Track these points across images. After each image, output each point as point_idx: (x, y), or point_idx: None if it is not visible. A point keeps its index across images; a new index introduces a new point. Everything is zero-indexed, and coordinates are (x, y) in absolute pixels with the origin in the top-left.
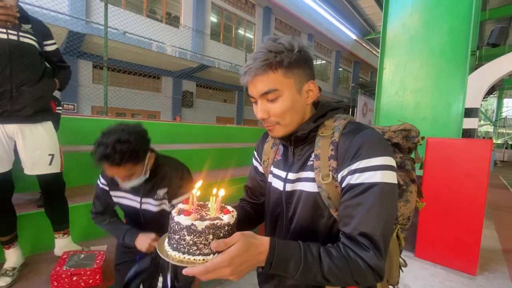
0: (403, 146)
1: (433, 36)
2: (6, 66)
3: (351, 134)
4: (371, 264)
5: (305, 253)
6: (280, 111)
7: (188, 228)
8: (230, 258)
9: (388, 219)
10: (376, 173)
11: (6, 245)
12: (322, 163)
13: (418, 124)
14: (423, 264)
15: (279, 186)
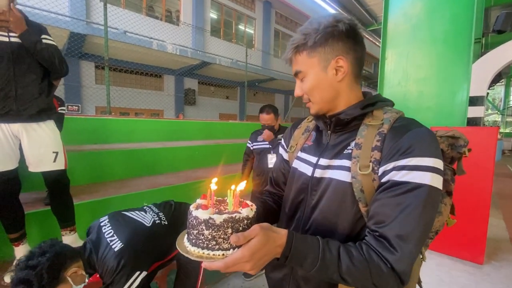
0: (447, 155)
1: (435, 24)
2: (9, 68)
3: (404, 129)
4: (397, 268)
5: (323, 250)
6: (308, 89)
7: (206, 222)
8: (251, 253)
9: (427, 225)
10: (426, 174)
11: (16, 242)
12: (363, 152)
13: (422, 113)
14: (429, 254)
15: (307, 171)
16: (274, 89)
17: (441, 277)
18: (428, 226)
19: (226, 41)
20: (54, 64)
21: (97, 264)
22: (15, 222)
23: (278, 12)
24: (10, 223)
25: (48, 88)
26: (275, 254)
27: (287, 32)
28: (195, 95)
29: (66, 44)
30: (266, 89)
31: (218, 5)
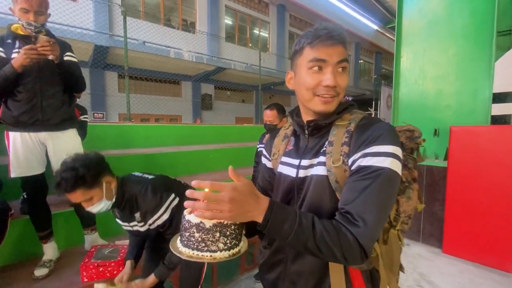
0: (407, 146)
1: (453, 19)
2: (36, 82)
3: (368, 125)
4: (359, 240)
5: (300, 216)
6: (345, 84)
7: (197, 226)
8: (233, 186)
9: (386, 204)
10: (386, 159)
11: (43, 240)
12: (334, 148)
13: (441, 112)
14: (451, 260)
15: (291, 173)
16: (290, 92)
17: (463, 285)
18: (387, 204)
19: (240, 46)
20: (74, 80)
21: (127, 193)
22: (43, 222)
23: (292, 15)
24: (39, 222)
25: (69, 99)
26: (255, 212)
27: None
28: (211, 100)
29: (92, 56)
30: (282, 92)
31: (233, 12)
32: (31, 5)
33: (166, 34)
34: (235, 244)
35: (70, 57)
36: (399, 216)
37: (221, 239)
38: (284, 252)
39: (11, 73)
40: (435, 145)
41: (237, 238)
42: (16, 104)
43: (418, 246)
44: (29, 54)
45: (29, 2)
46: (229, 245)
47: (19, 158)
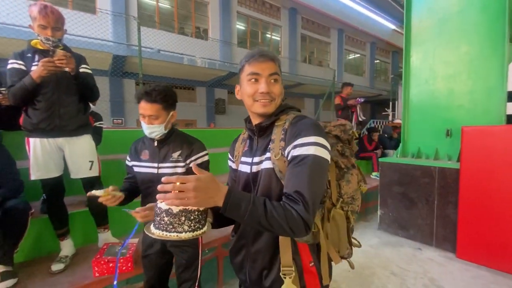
0: (342, 138)
1: (464, 16)
2: (54, 92)
3: (297, 122)
4: (301, 214)
5: (253, 199)
6: (279, 92)
7: (166, 211)
8: (197, 177)
9: (316, 183)
10: (310, 147)
11: (61, 237)
12: (275, 144)
13: (454, 112)
14: (465, 265)
15: (246, 170)
16: (303, 94)
17: None
18: (318, 183)
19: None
20: (89, 90)
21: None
22: (60, 220)
23: (304, 18)
24: (57, 221)
25: (84, 107)
26: (216, 197)
27: (314, 36)
28: (225, 105)
29: (110, 65)
30: (295, 94)
31: (244, 17)
32: (48, 22)
33: (180, 42)
34: (198, 227)
35: (85, 69)
36: (341, 197)
37: (186, 222)
38: (246, 237)
39: (30, 84)
40: (448, 146)
41: (200, 222)
42: (36, 112)
43: (430, 251)
44: (47, 66)
45: (46, 19)
46: (193, 228)
47: (39, 162)
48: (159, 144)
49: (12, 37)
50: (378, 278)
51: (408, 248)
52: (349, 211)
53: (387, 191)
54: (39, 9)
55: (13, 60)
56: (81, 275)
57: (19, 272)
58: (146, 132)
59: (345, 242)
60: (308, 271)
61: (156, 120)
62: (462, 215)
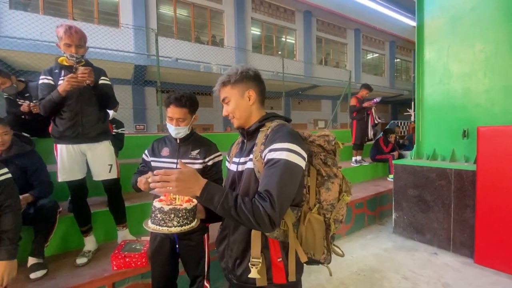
0: (326, 148)
1: (478, 12)
2: (78, 103)
3: (276, 129)
4: (267, 211)
5: (227, 193)
6: (232, 109)
7: (159, 209)
8: (179, 170)
9: (285, 184)
10: (283, 152)
11: (84, 234)
12: (257, 148)
13: (470, 112)
14: (483, 271)
15: (234, 169)
16: (319, 96)
17: None
18: (287, 186)
19: (267, 55)
20: (106, 99)
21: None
22: (84, 218)
23: (319, 20)
24: (80, 219)
25: (104, 116)
26: (196, 188)
27: (330, 37)
28: None
29: (133, 75)
30: (312, 97)
31: (259, 23)
32: (72, 41)
33: (197, 50)
34: (186, 223)
35: (104, 81)
36: (320, 203)
37: (175, 219)
38: (228, 229)
39: (57, 98)
40: (465, 147)
41: (188, 219)
42: (62, 121)
43: (447, 256)
44: (70, 81)
45: (71, 38)
46: (181, 223)
47: (65, 165)
48: (181, 142)
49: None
50: (388, 282)
51: (423, 252)
52: (331, 219)
53: (401, 194)
54: (65, 30)
55: (43, 76)
56: (101, 268)
57: (49, 264)
58: (173, 133)
59: (321, 247)
60: (276, 265)
61: (183, 122)
62: (480, 219)
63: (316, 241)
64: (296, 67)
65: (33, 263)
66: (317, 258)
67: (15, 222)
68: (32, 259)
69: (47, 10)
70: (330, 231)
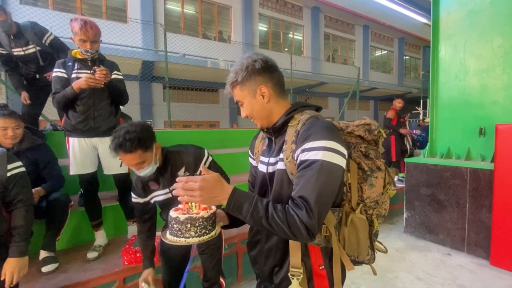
0: (367, 138)
1: (497, 6)
2: (90, 97)
3: (309, 124)
4: (303, 220)
5: (256, 201)
6: (248, 112)
7: (175, 219)
8: (203, 177)
9: (323, 189)
10: (318, 152)
11: (95, 228)
12: (287, 146)
13: (487, 109)
14: (500, 273)
15: (263, 170)
16: (327, 93)
17: None
18: (325, 190)
19: (274, 51)
20: (119, 95)
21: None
22: (95, 212)
23: (327, 16)
24: (91, 213)
25: (115, 110)
26: (221, 197)
27: (338, 34)
28: None
29: (140, 70)
30: (319, 94)
31: (266, 19)
32: (88, 37)
33: (204, 46)
34: (204, 232)
35: (116, 75)
36: (363, 201)
37: (192, 229)
38: (261, 233)
39: (71, 94)
40: (481, 146)
41: (206, 228)
42: (75, 115)
43: (461, 257)
44: (89, 82)
45: (86, 35)
46: (199, 233)
47: (76, 159)
48: (159, 174)
49: None
50: (401, 282)
51: (436, 253)
52: (374, 215)
53: (413, 193)
54: (80, 26)
55: (57, 69)
56: (112, 263)
57: (60, 258)
58: (141, 175)
59: (365, 248)
60: (318, 274)
61: (144, 164)
62: (497, 220)
63: (360, 242)
64: (304, 64)
65: (44, 257)
66: (361, 259)
67: (26, 218)
68: (43, 252)
69: (56, 5)
70: (373, 228)
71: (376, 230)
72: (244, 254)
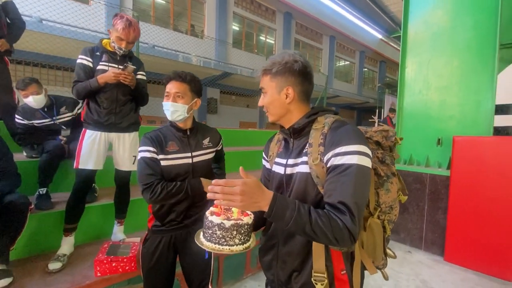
0: (384, 144)
1: (457, 32)
2: (114, 92)
3: (337, 128)
4: (347, 225)
5: (298, 206)
6: (266, 102)
7: (219, 225)
8: (244, 181)
9: (360, 192)
10: (353, 156)
11: (67, 232)
12: (313, 149)
13: (445, 122)
14: (453, 268)
15: (280, 171)
16: None
17: None
18: (362, 193)
19: (247, 52)
20: (140, 96)
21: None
22: (75, 215)
23: (298, 23)
24: (72, 214)
25: (135, 106)
26: (262, 203)
27: (308, 41)
28: (217, 104)
29: None
30: None
31: (240, 18)
32: (127, 37)
33: (175, 39)
34: (247, 240)
35: (141, 76)
36: (379, 206)
37: (237, 236)
38: (277, 237)
39: (95, 87)
40: (438, 154)
41: (248, 235)
42: (98, 109)
43: (420, 254)
44: (118, 77)
45: (127, 36)
46: (243, 241)
47: (90, 152)
48: (190, 134)
49: None
50: (373, 280)
51: (399, 251)
52: (386, 220)
53: None
54: (124, 26)
55: (83, 56)
56: (81, 274)
57: (14, 271)
58: (168, 111)
59: (380, 252)
60: (339, 279)
61: (181, 99)
62: (451, 220)
63: (376, 247)
64: None
65: None
66: (377, 264)
67: None
68: None
69: None
70: (386, 234)
71: (388, 235)
72: (226, 259)
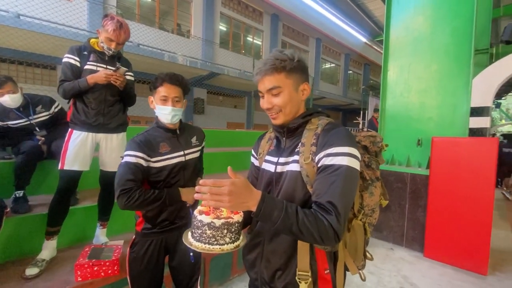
0: (371, 149)
1: (436, 38)
2: (102, 92)
3: (330, 129)
4: (332, 224)
5: (286, 206)
6: (282, 103)
7: (208, 224)
8: (232, 181)
9: (348, 194)
10: (344, 158)
11: (49, 236)
12: (305, 148)
13: (424, 124)
14: (432, 264)
15: (270, 169)
16: None
17: (442, 287)
18: (350, 195)
19: (234, 53)
20: (128, 97)
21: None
22: (58, 217)
23: (285, 25)
24: (55, 217)
25: (124, 107)
26: (250, 203)
27: (294, 43)
28: (204, 104)
29: None
30: None
31: (227, 19)
32: (118, 39)
33: (161, 38)
34: (237, 238)
35: (130, 76)
36: (362, 209)
37: (227, 235)
38: (262, 235)
39: (84, 87)
40: (418, 155)
41: (238, 233)
42: (86, 109)
43: (401, 251)
44: (109, 78)
45: (117, 37)
46: (233, 239)
47: (76, 153)
48: (180, 133)
49: None
50: (357, 277)
51: (382, 248)
52: (367, 223)
53: None
54: (114, 28)
55: (70, 55)
56: (61, 279)
57: None
58: (169, 116)
59: (361, 254)
60: (323, 278)
61: (179, 103)
62: (430, 218)
63: (357, 248)
64: None
65: None
66: (357, 265)
67: None
68: None
69: None
70: (366, 236)
71: (368, 238)
72: (212, 260)
